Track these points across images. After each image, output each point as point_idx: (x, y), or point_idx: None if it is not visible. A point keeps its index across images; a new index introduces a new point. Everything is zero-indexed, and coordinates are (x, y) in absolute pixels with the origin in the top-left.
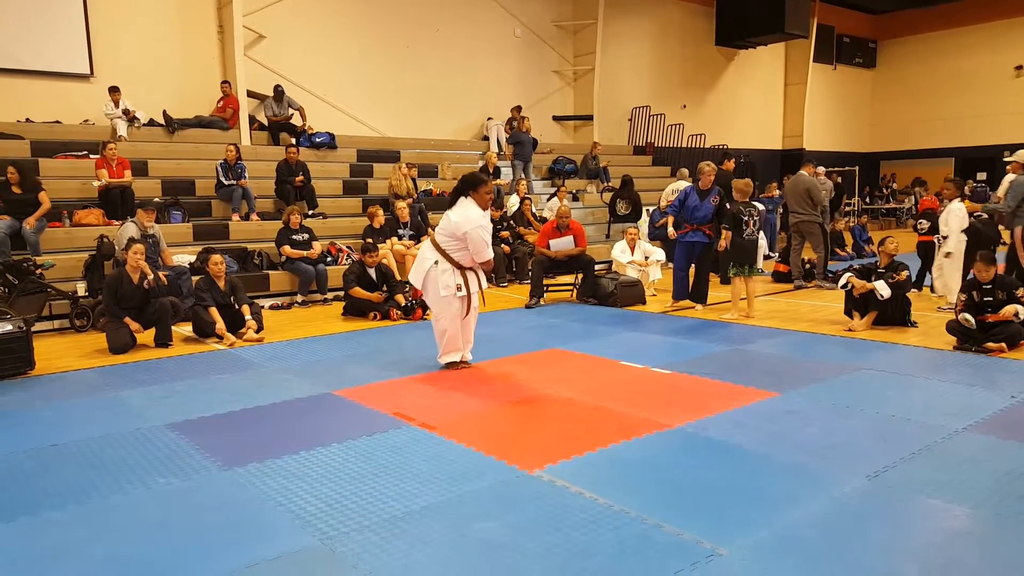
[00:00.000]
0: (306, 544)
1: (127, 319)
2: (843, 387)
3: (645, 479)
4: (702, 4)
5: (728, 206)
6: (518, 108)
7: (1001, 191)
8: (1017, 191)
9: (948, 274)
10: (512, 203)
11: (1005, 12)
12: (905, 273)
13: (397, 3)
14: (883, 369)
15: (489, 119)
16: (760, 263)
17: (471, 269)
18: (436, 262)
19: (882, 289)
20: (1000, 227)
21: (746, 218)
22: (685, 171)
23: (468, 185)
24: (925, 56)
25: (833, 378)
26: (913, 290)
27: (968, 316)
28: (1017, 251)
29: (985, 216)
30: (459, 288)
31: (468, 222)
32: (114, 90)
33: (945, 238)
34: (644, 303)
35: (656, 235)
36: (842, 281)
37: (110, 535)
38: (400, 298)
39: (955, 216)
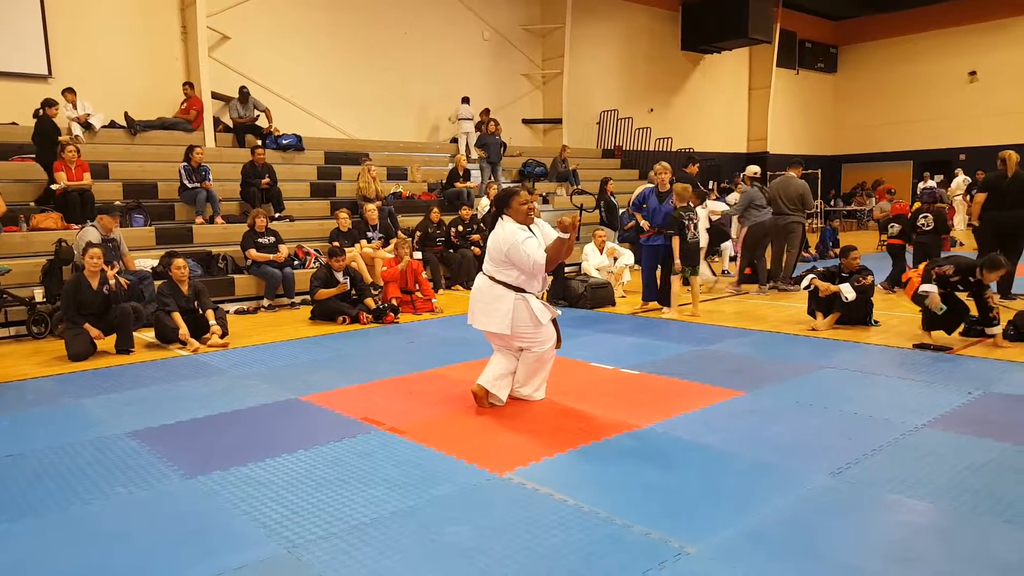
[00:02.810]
0: (272, 553)
1: (87, 325)
2: (807, 386)
3: (614, 480)
4: (668, 9)
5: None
6: (486, 111)
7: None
8: (744, 199)
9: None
10: (483, 205)
11: (959, 19)
12: (871, 278)
13: (364, 5)
14: (846, 368)
15: (460, 118)
16: (727, 265)
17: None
18: (520, 293)
19: (847, 292)
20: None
21: (687, 222)
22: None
23: (502, 203)
24: (884, 61)
25: (797, 377)
26: (883, 288)
27: (936, 297)
28: (735, 245)
29: (722, 218)
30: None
31: (505, 242)
32: (69, 91)
33: None
34: (614, 304)
35: (625, 237)
36: (804, 283)
37: (69, 547)
38: (370, 302)
39: (700, 218)
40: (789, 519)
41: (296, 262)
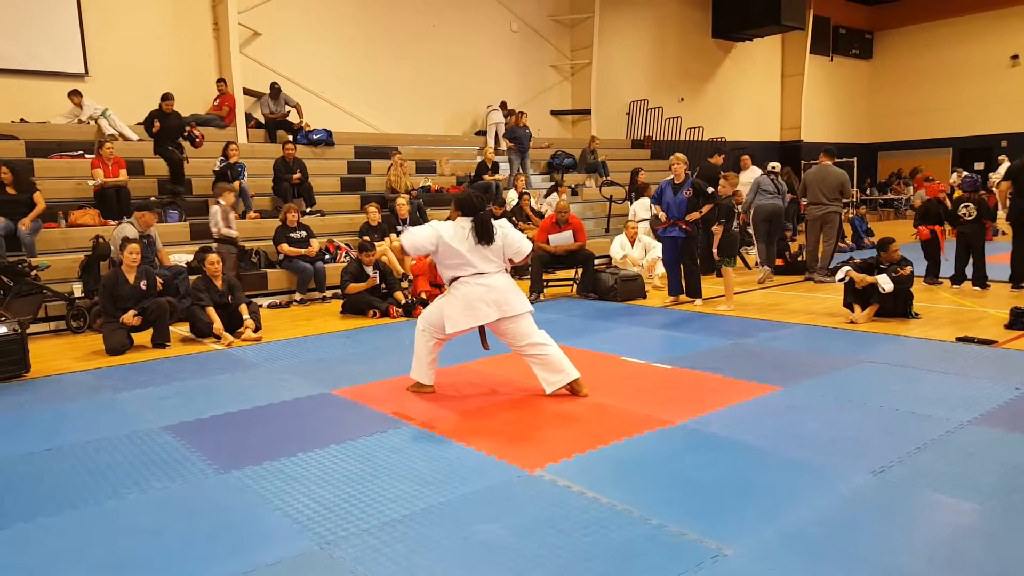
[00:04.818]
0: (304, 548)
1: (127, 315)
2: (846, 380)
3: (648, 478)
4: None
5: (706, 197)
6: (503, 104)
7: None
8: (752, 186)
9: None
10: (511, 198)
11: (1001, 1)
12: (909, 268)
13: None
14: (886, 362)
15: (489, 109)
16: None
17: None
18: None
19: (884, 283)
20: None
21: (737, 211)
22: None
23: (479, 206)
24: (921, 46)
25: (835, 371)
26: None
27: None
28: (752, 227)
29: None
30: None
31: (516, 234)
32: (75, 93)
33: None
34: (644, 297)
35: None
36: (840, 275)
37: (105, 540)
38: (399, 295)
39: (642, 207)
40: (829, 519)
41: (327, 256)
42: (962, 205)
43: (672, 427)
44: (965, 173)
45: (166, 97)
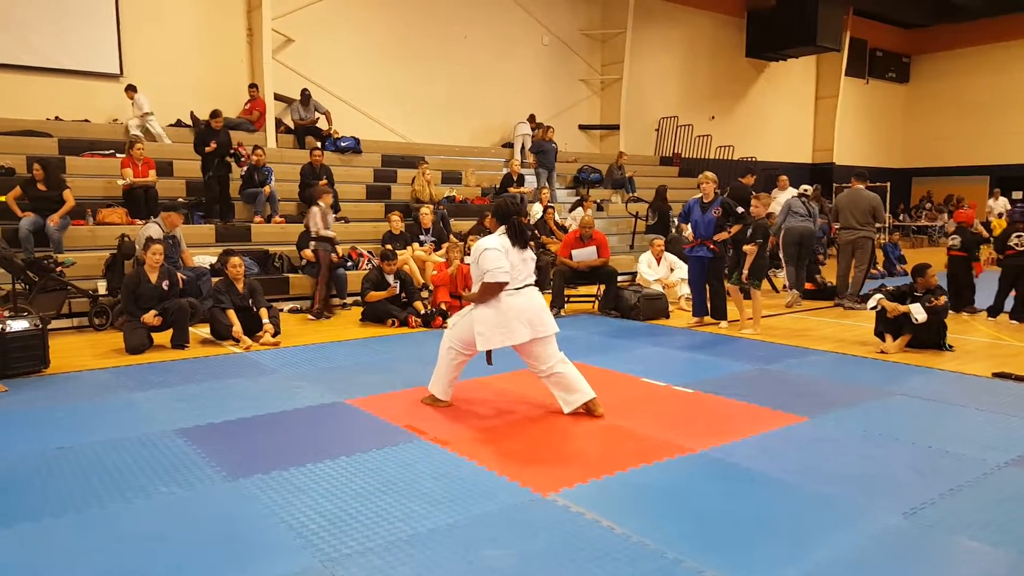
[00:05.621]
0: (306, 565)
1: (148, 315)
2: (876, 413)
3: (665, 508)
4: (733, 15)
5: (736, 217)
6: (532, 117)
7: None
8: (784, 208)
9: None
10: (535, 212)
11: None
12: (944, 298)
13: (425, 10)
14: (918, 395)
15: (519, 123)
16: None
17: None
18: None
19: (917, 313)
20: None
21: (771, 233)
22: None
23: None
24: (960, 72)
25: (865, 403)
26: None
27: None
28: (780, 251)
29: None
30: None
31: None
32: (130, 88)
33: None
34: (667, 317)
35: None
36: (871, 303)
37: (108, 546)
38: (419, 305)
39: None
40: (856, 562)
41: (349, 263)
42: (1014, 235)
43: (692, 455)
44: (1007, 201)
45: (215, 115)
